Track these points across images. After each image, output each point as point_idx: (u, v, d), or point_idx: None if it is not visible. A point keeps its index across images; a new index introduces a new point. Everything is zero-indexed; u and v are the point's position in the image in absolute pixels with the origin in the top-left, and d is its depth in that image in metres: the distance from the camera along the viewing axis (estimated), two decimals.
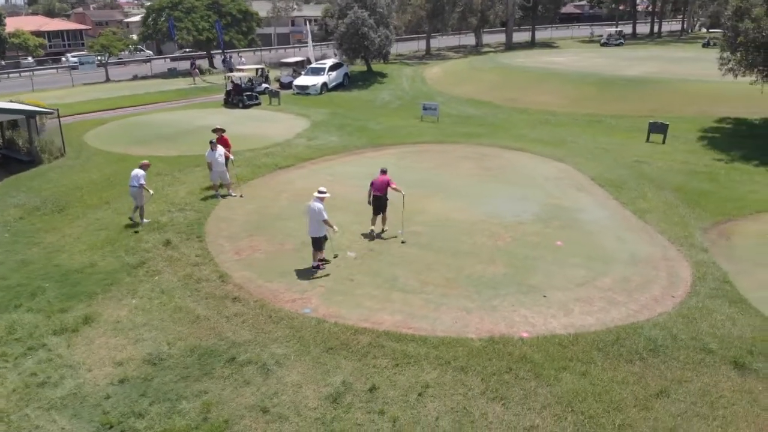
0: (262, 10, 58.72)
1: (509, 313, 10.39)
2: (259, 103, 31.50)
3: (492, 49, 62.88)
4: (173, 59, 57.74)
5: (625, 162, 19.88)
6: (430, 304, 10.73)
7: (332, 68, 37.17)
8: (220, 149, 16.35)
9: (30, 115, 20.96)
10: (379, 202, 13.38)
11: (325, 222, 11.66)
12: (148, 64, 52.79)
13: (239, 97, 31.18)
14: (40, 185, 18.45)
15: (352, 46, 38.28)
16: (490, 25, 65.94)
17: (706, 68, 31.32)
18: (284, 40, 75.55)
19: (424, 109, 27.90)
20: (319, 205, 11.66)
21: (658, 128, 22.87)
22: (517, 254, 12.72)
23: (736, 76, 23.48)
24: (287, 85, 36.67)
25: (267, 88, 33.90)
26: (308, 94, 34.86)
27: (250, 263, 12.43)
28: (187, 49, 57.66)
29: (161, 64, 54.49)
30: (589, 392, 8.25)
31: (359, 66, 43.18)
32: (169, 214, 15.43)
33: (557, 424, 7.69)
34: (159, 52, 64.97)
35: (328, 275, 11.81)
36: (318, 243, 11.93)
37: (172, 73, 45.80)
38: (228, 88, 32.34)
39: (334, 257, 12.52)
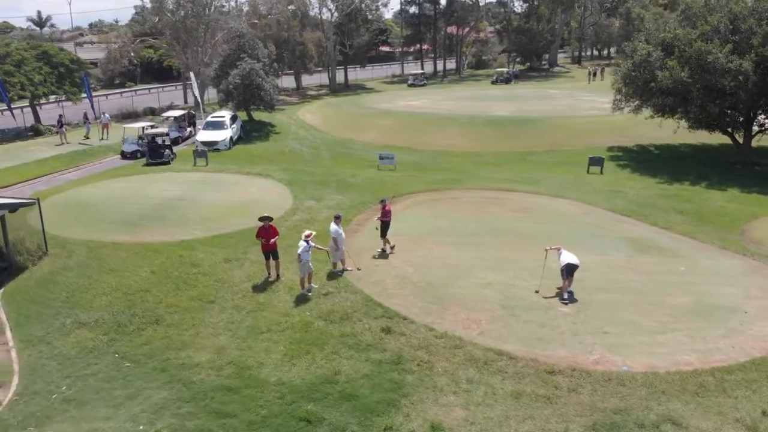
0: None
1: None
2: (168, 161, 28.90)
3: (315, 92, 65.20)
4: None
5: (604, 192, 23.68)
6: (697, 338, 12.22)
7: (232, 121, 35.19)
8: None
9: (12, 208, 16.30)
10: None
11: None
12: None
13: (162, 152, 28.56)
14: (61, 294, 14.83)
15: (245, 97, 36.70)
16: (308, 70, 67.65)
17: (553, 105, 38.28)
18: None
19: (381, 158, 28.62)
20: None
21: (596, 161, 27.54)
22: (677, 282, 14.86)
23: (636, 114, 29.57)
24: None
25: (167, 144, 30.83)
26: (218, 149, 32.47)
27: (495, 335, 12.28)
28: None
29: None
30: None
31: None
32: (324, 299, 13.97)
33: None
34: None
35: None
36: None
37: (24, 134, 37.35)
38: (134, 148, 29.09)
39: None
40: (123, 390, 11.15)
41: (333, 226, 15.19)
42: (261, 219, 15.28)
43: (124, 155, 31.34)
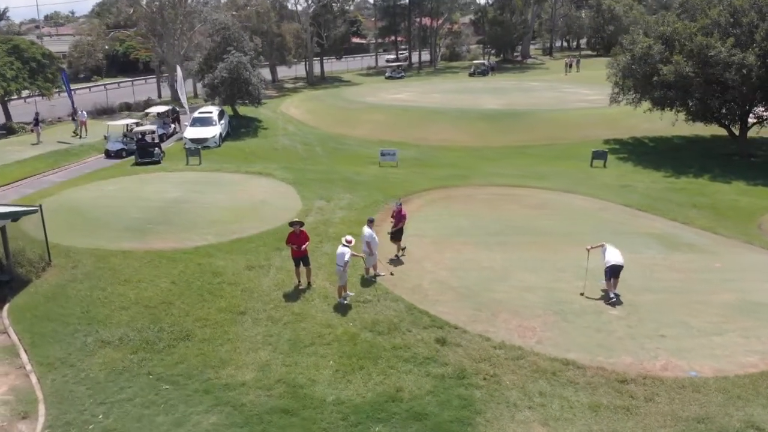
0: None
1: None
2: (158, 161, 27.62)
3: (292, 84, 63.90)
4: None
5: (613, 187, 23.57)
6: (751, 338, 12.02)
7: (220, 117, 33.88)
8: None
9: (14, 217, 15.01)
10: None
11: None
12: None
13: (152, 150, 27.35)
14: (75, 309, 13.78)
15: (232, 92, 35.36)
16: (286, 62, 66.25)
17: (540, 98, 38.45)
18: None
19: (383, 155, 27.92)
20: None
21: (600, 155, 27.46)
22: (715, 280, 14.70)
23: (635, 107, 29.58)
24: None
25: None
26: (207, 147, 31.16)
27: (554, 343, 11.82)
28: None
29: None
30: None
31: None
32: (364, 308, 13.28)
33: None
34: None
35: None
36: None
37: None
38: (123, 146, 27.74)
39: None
40: (166, 416, 10.31)
41: (367, 230, 14.48)
42: (291, 224, 14.46)
43: (109, 154, 29.80)
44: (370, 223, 14.71)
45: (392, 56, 74.02)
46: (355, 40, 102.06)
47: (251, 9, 49.45)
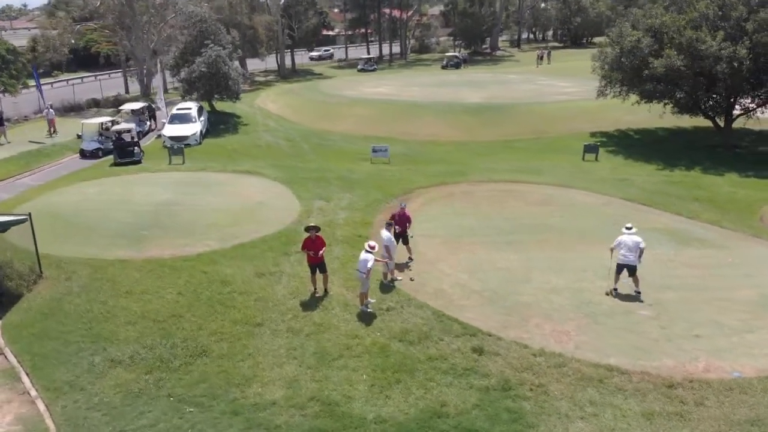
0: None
1: None
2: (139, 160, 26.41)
3: (263, 78, 62.49)
4: None
5: (611, 181, 23.54)
6: None
7: (199, 113, 32.62)
8: None
9: (3, 228, 13.86)
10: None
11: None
12: None
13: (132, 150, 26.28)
14: (77, 326, 12.86)
15: (211, 87, 34.07)
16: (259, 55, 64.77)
17: (519, 91, 38.71)
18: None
19: (374, 151, 27.27)
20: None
21: (591, 148, 27.43)
22: (732, 275, 14.66)
23: (623, 100, 29.69)
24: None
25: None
26: (188, 145, 29.91)
27: (592, 347, 11.50)
28: None
29: None
30: None
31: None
32: (389, 316, 12.73)
33: None
34: None
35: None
36: None
37: None
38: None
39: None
40: None
41: (386, 234, 13.93)
42: (307, 229, 13.77)
43: (84, 154, 28.32)
44: (389, 226, 14.16)
45: (366, 55, 73.00)
46: (324, 32, 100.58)
47: (224, 0, 47.87)
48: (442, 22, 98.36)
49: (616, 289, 13.59)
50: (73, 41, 41.97)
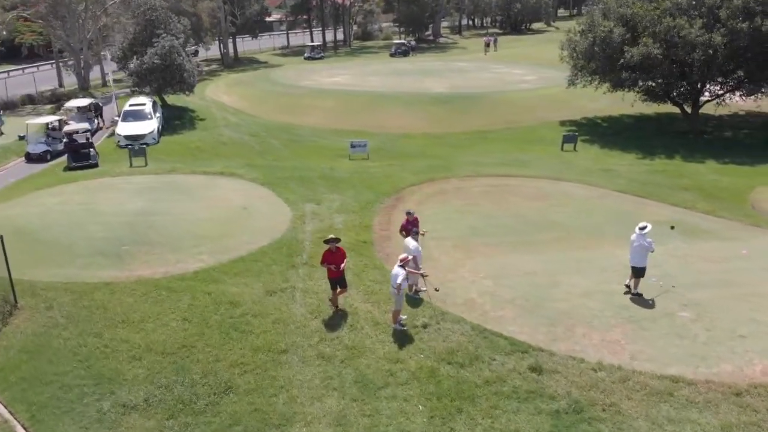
0: None
1: None
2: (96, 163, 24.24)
3: (207, 67, 59.44)
4: None
5: (596, 172, 23.46)
6: None
7: (154, 109, 30.27)
8: None
9: None
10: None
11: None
12: None
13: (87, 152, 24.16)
14: (71, 366, 11.30)
15: (165, 80, 31.66)
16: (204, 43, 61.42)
17: (479, 80, 38.81)
18: None
19: (353, 146, 26.08)
20: None
21: (570, 138, 27.36)
22: (753, 268, 14.63)
23: (596, 88, 29.78)
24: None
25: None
26: (146, 144, 27.68)
27: (648, 357, 11.00)
28: None
29: None
30: None
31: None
32: (427, 334, 11.80)
33: None
34: None
35: None
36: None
37: None
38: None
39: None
40: None
41: (413, 243, 12.98)
42: (327, 241, 12.61)
43: (30, 158, 25.64)
44: (416, 234, 13.19)
45: (311, 42, 70.72)
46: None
47: None
48: (383, 8, 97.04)
49: (628, 287, 13.29)
50: (4, 33, 38.01)
